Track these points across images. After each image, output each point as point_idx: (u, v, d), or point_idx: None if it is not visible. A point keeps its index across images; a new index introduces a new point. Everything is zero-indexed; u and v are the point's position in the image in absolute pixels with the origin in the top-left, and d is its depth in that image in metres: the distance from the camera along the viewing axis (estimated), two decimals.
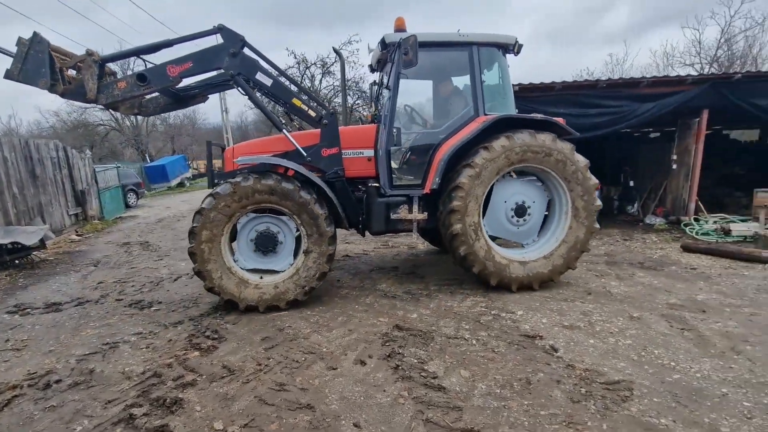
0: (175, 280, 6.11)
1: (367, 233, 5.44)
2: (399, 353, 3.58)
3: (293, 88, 5.22)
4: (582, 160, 4.95)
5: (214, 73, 4.86)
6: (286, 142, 4.97)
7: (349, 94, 18.11)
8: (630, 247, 7.84)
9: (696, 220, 9.01)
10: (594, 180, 5.03)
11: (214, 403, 2.88)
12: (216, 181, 4.95)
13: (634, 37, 45.35)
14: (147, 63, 4.74)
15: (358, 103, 17.79)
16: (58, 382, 3.21)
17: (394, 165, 5.27)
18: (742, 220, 7.95)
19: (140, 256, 7.91)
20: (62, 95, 4.40)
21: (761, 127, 14.14)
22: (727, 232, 7.66)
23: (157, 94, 5.02)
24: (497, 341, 3.80)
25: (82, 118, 29.99)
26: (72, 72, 4.45)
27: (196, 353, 3.63)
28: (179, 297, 5.22)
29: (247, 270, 4.64)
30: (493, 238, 5.35)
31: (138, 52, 4.74)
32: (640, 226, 10.10)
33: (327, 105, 5.41)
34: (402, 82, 5.06)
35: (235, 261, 4.64)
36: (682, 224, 9.15)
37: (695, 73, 14.02)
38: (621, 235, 8.97)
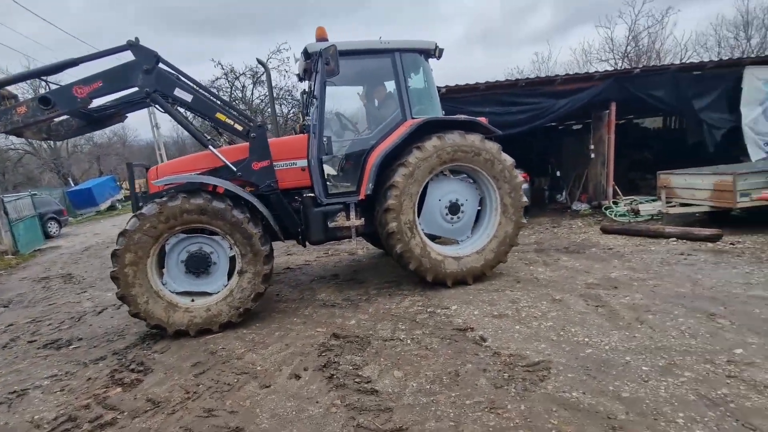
0: (99, 312, 5.68)
1: (309, 243, 5.41)
2: (335, 362, 3.59)
3: (218, 102, 5.04)
4: (508, 159, 5.24)
5: (130, 91, 4.61)
6: (214, 159, 4.81)
7: (283, 104, 17.84)
8: (557, 233, 8.41)
9: (615, 203, 9.84)
10: (520, 178, 5.34)
11: None
12: (140, 204, 4.69)
13: (557, 36, 48.77)
14: (50, 84, 4.43)
15: (294, 112, 17.55)
16: None
17: (330, 173, 5.30)
18: (649, 201, 8.79)
19: (60, 291, 7.27)
20: None
21: (663, 115, 15.71)
22: (636, 213, 8.44)
23: (67, 116, 4.67)
24: (431, 338, 3.92)
25: None
26: None
27: (118, 389, 3.41)
28: (103, 331, 4.87)
29: (178, 293, 4.43)
30: (433, 238, 5.53)
31: (39, 74, 4.45)
32: (567, 213, 10.85)
33: (257, 116, 5.29)
34: (332, 89, 5.12)
35: (163, 284, 4.42)
36: (603, 208, 9.95)
37: (610, 68, 15.37)
38: (550, 222, 9.58)
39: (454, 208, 5.30)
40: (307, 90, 5.97)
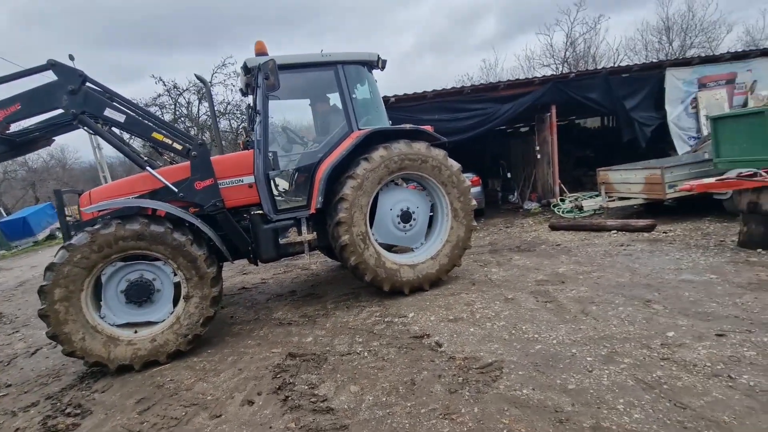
0: (32, 353, 5.22)
1: (261, 262, 5.27)
2: (290, 383, 3.49)
3: (154, 121, 4.85)
4: (455, 165, 5.36)
5: (57, 112, 4.32)
6: (153, 180, 4.59)
7: (232, 119, 17.38)
8: (510, 233, 8.70)
9: (561, 200, 10.33)
10: (468, 182, 5.47)
11: None
12: (72, 233, 4.37)
13: (503, 43, 51.00)
14: None
15: (244, 127, 17.17)
16: None
17: (279, 188, 5.20)
18: (591, 196, 9.32)
19: None
20: None
21: (600, 115, 16.77)
22: (581, 209, 8.91)
23: None
24: (388, 348, 3.91)
25: None
26: None
27: None
28: (35, 374, 4.46)
29: (118, 325, 4.15)
30: (390, 247, 5.55)
31: None
32: (520, 212, 11.28)
33: (203, 133, 5.17)
34: (279, 103, 5.05)
35: (101, 317, 4.13)
36: (551, 206, 10.42)
37: (551, 73, 16.23)
38: (504, 222, 9.91)
39: (406, 216, 5.34)
40: (251, 105, 5.87)
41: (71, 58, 19.32)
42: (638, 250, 6.08)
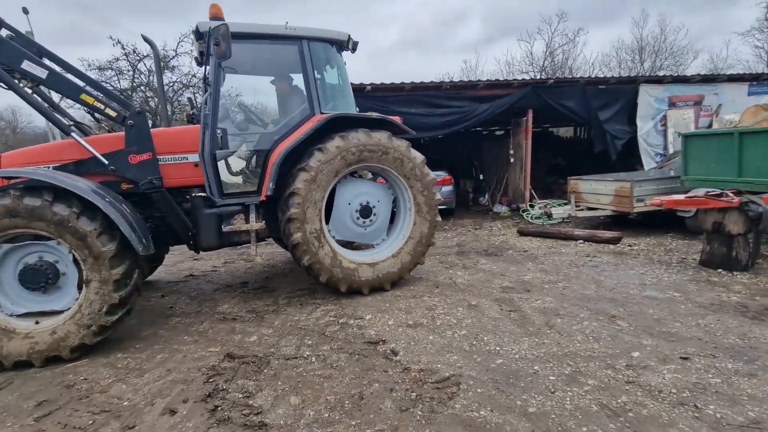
0: None
1: (200, 250, 4.76)
2: (223, 389, 3.08)
3: (83, 82, 4.27)
4: (418, 157, 5.01)
5: None
6: (80, 149, 4.03)
7: (198, 93, 16.29)
8: (478, 235, 8.54)
9: (531, 206, 10.29)
10: (432, 175, 5.14)
11: None
12: None
13: (484, 46, 51.28)
14: None
15: (189, 98, 16.05)
16: None
17: (234, 170, 4.71)
18: (561, 204, 9.30)
19: None
20: None
21: (574, 126, 17.02)
22: (549, 216, 8.86)
23: None
24: (339, 354, 3.56)
25: None
26: None
27: None
28: None
29: (18, 315, 3.57)
30: (349, 243, 5.18)
31: None
32: (489, 215, 11.18)
33: (155, 106, 4.63)
34: (238, 78, 4.55)
35: None
36: (520, 211, 10.36)
37: (528, 79, 16.33)
38: (473, 224, 9.75)
39: (365, 212, 4.97)
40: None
41: (25, 11, 17.61)
42: (604, 262, 6.01)
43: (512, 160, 11.32)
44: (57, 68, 4.06)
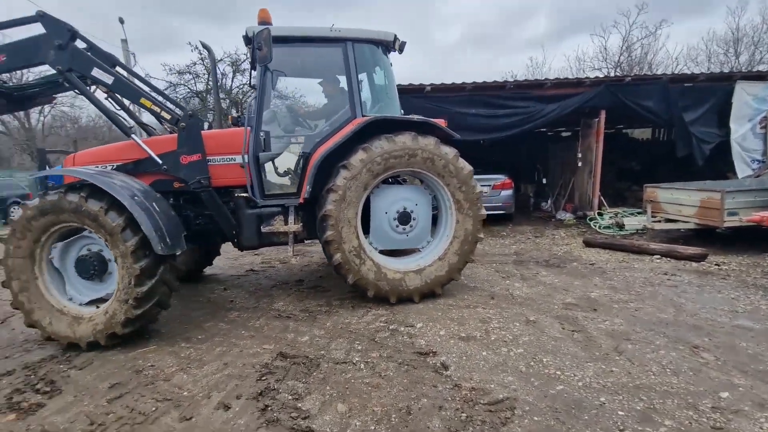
0: None
1: (242, 249, 4.99)
2: (274, 389, 3.14)
3: (145, 87, 4.78)
4: (450, 152, 4.73)
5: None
6: (139, 150, 4.41)
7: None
8: (539, 244, 8.07)
9: (600, 214, 9.55)
10: (468, 168, 4.80)
11: None
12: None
13: (552, 42, 48.78)
14: None
15: (234, 102, 16.76)
16: None
17: (279, 172, 4.82)
18: (634, 214, 8.52)
19: None
20: None
21: (652, 127, 15.57)
22: (621, 226, 8.15)
23: None
24: (387, 363, 3.50)
25: None
26: None
27: (11, 417, 2.90)
28: (24, 336, 4.32)
29: (85, 304, 3.99)
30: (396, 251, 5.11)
31: None
32: (552, 222, 10.56)
33: (228, 108, 5.01)
34: (288, 80, 4.69)
35: (70, 299, 3.99)
36: (587, 219, 9.66)
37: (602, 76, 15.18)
38: (533, 231, 9.25)
39: (404, 218, 4.84)
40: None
41: (121, 21, 19.51)
42: (685, 282, 5.38)
43: (580, 163, 10.59)
44: (123, 75, 4.49)
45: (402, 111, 5.28)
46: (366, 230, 4.81)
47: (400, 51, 5.06)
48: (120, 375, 3.44)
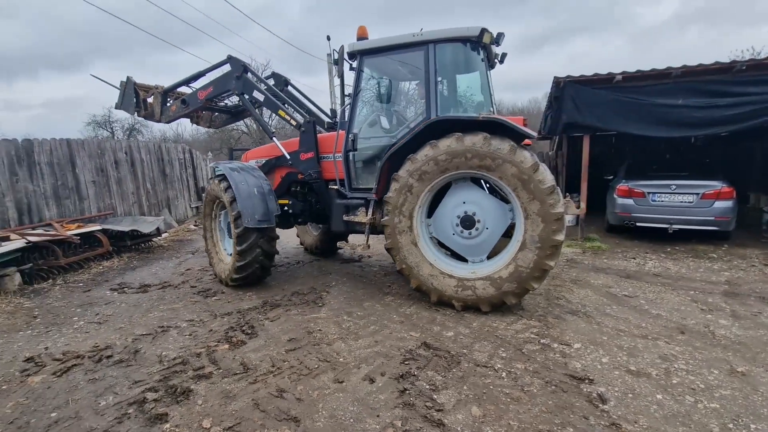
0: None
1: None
2: (414, 375, 3.30)
3: (280, 102, 6.17)
4: (528, 160, 4.07)
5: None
6: (277, 149, 5.92)
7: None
8: None
9: None
10: (548, 183, 4.09)
11: (215, 400, 3.00)
12: None
13: None
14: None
15: (332, 109, 17.25)
16: (109, 357, 3.71)
17: (361, 168, 5.35)
18: None
19: None
20: (144, 118, 6.52)
21: None
22: None
23: (217, 111, 6.98)
24: (532, 378, 3.25)
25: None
26: (150, 99, 6.49)
27: (226, 346, 3.86)
28: (245, 288, 5.63)
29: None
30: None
31: (186, 82, 6.43)
32: None
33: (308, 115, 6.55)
34: (385, 84, 5.02)
35: (224, 249, 6.10)
36: None
37: None
38: (762, 258, 7.06)
39: (467, 222, 4.56)
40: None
41: (328, 38, 23.21)
42: None
43: None
44: (271, 92, 6.05)
45: (494, 109, 5.23)
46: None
47: (498, 43, 4.91)
48: (296, 332, 4.17)
